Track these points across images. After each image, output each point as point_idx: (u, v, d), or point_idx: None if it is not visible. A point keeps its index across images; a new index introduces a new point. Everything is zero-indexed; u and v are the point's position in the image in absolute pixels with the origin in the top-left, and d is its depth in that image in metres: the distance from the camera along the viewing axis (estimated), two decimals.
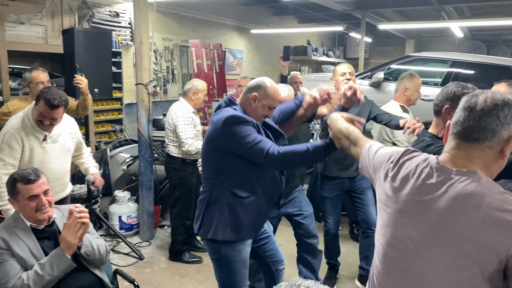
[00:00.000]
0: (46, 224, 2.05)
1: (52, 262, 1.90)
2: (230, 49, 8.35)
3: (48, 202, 2.02)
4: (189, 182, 3.72)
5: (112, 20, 5.95)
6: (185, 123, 3.59)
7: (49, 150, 2.58)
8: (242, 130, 1.99)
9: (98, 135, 5.88)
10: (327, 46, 12.07)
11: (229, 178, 2.09)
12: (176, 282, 3.42)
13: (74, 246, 1.95)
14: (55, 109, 2.45)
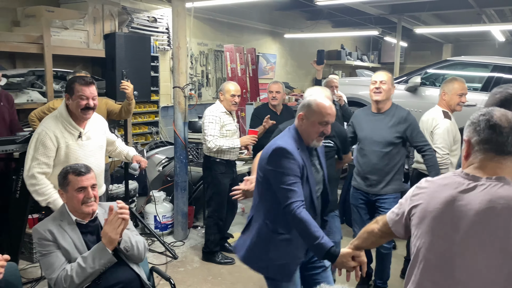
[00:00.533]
0: (90, 220, 2.15)
1: (94, 255, 1.98)
2: (263, 54, 8.40)
3: (94, 196, 2.12)
4: (220, 182, 3.76)
5: (150, 26, 6.12)
6: (209, 121, 3.70)
7: (85, 147, 2.65)
8: (285, 167, 1.97)
9: (135, 137, 6.05)
10: (361, 50, 11.95)
11: (267, 207, 2.07)
12: (209, 283, 3.47)
13: (115, 241, 2.02)
14: (91, 86, 2.57)
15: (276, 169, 1.98)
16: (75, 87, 2.54)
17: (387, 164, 3.04)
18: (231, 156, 3.78)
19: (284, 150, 2.00)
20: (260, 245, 2.07)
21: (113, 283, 2.04)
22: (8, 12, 4.53)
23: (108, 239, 2.00)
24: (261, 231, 2.07)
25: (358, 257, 1.80)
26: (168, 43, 6.41)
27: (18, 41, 4.13)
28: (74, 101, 2.54)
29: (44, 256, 2.01)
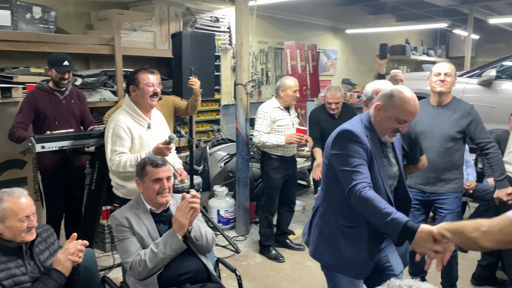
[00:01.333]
0: (163, 209, 2.25)
1: (165, 241, 2.07)
2: (324, 50, 8.29)
3: (168, 188, 2.21)
4: (270, 177, 3.76)
5: (213, 25, 6.27)
6: (258, 117, 3.74)
7: (156, 137, 2.73)
8: (348, 149, 1.83)
9: (198, 134, 6.22)
10: (427, 44, 11.41)
11: (335, 199, 1.95)
12: (271, 278, 3.47)
13: (185, 227, 2.09)
14: (154, 74, 2.71)
15: (340, 151, 1.85)
16: (140, 77, 2.67)
17: (448, 161, 2.84)
18: (284, 152, 3.76)
19: (350, 132, 1.85)
20: (328, 240, 1.96)
21: (183, 272, 2.12)
22: (83, 17, 4.84)
23: (178, 225, 2.08)
24: (329, 225, 1.97)
25: (442, 241, 1.51)
26: (229, 42, 6.53)
27: (92, 43, 4.39)
28: (141, 89, 2.66)
29: (121, 242, 2.13)
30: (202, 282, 2.16)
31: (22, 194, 1.87)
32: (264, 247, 3.88)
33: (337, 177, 1.89)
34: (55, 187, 3.27)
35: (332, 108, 3.85)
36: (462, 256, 3.92)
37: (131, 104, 2.70)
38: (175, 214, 2.11)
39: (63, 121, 3.26)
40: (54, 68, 3.17)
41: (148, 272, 2.05)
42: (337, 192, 1.91)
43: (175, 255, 2.08)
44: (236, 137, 4.28)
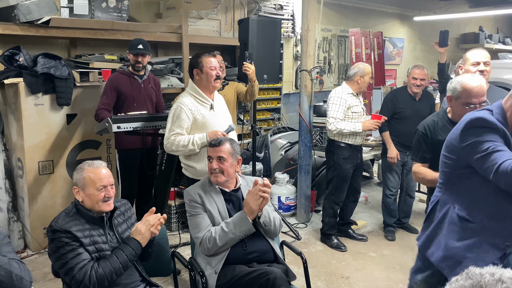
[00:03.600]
0: (233, 189, 2.30)
1: (236, 222, 2.12)
2: (390, 38, 7.98)
3: (219, 168, 2.25)
4: (341, 166, 3.68)
5: (276, 13, 6.25)
6: (333, 103, 3.63)
7: (219, 117, 2.84)
8: (483, 136, 1.67)
9: (259, 122, 6.26)
10: (503, 32, 10.61)
11: (459, 194, 1.81)
12: (333, 266, 3.44)
13: (255, 212, 2.12)
14: (216, 57, 2.82)
15: (474, 139, 1.67)
16: (204, 60, 2.77)
17: None
18: (355, 141, 3.68)
19: (483, 119, 1.68)
20: (443, 232, 1.83)
21: (251, 251, 2.17)
22: (152, 6, 5.01)
23: (249, 209, 2.12)
24: (446, 217, 1.83)
25: None
26: (292, 30, 6.48)
27: (161, 31, 4.54)
28: (205, 73, 2.76)
29: (192, 217, 2.21)
30: (268, 263, 2.18)
31: (101, 165, 1.98)
32: (326, 235, 3.84)
33: (464, 173, 1.76)
34: (131, 165, 3.47)
35: (417, 85, 3.79)
36: None
37: (194, 86, 2.80)
38: (246, 198, 2.15)
39: (141, 103, 3.44)
40: (130, 51, 3.36)
41: (217, 249, 2.11)
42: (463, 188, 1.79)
43: (244, 236, 2.12)
44: (299, 125, 4.25)
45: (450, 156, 1.82)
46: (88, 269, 1.79)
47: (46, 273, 3.16)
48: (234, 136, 2.90)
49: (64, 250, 1.80)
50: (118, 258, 1.85)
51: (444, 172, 1.88)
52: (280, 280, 1.94)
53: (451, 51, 9.48)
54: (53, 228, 1.84)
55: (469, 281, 0.72)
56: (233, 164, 2.31)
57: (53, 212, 3.44)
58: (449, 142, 1.82)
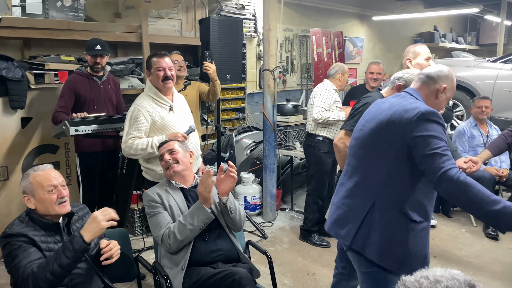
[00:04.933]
0: (191, 185, 2.35)
1: (193, 213, 2.14)
2: (350, 37, 8.15)
3: (173, 159, 2.31)
4: (323, 161, 3.76)
5: (238, 13, 6.24)
6: (321, 94, 3.76)
7: (179, 118, 2.79)
8: (437, 131, 1.66)
9: (223, 122, 6.23)
10: (456, 31, 11.09)
11: (404, 192, 1.72)
12: (299, 263, 3.47)
13: (209, 199, 2.15)
14: (165, 57, 2.74)
15: (426, 132, 1.65)
16: (152, 62, 2.74)
17: None
18: (334, 135, 3.80)
19: (434, 113, 1.69)
20: (396, 238, 1.73)
21: (214, 249, 2.17)
22: (111, 5, 4.88)
23: (202, 197, 2.14)
24: (395, 221, 1.73)
25: None
26: (254, 30, 6.49)
27: (120, 31, 4.44)
28: (154, 74, 2.73)
29: (152, 217, 2.21)
30: (232, 262, 2.18)
31: (46, 167, 1.91)
32: (308, 232, 3.87)
33: (407, 164, 1.70)
34: (93, 169, 3.38)
35: (374, 78, 4.01)
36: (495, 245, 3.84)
37: (152, 87, 2.76)
38: (198, 188, 2.17)
39: (101, 105, 3.36)
40: (87, 52, 3.26)
41: (178, 244, 2.10)
42: (406, 182, 1.72)
43: (203, 226, 2.13)
44: (263, 124, 4.27)
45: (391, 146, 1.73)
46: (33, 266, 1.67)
47: (2, 285, 3.02)
48: (196, 137, 2.88)
49: (17, 251, 1.70)
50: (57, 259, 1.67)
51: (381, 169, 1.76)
52: (246, 280, 1.94)
53: None
54: (7, 233, 1.75)
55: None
56: (186, 155, 2.37)
57: (8, 220, 3.24)
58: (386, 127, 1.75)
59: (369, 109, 1.96)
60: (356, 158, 1.89)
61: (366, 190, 1.80)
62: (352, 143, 1.95)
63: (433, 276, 0.75)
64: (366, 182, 1.81)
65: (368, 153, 1.83)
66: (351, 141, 1.97)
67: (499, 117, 4.78)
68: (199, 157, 3.05)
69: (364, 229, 1.77)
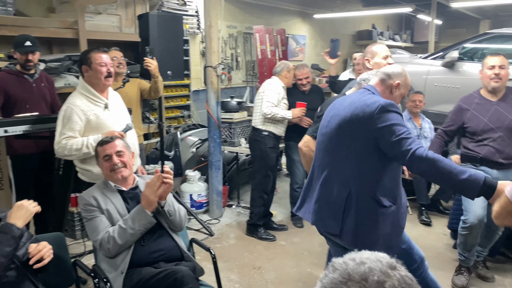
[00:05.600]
0: (131, 187, 2.26)
1: (134, 217, 2.08)
2: (293, 35, 8.30)
3: (122, 162, 2.21)
4: (268, 155, 3.82)
5: (180, 9, 6.16)
6: (270, 89, 3.82)
7: (114, 117, 2.70)
8: (397, 119, 1.81)
9: (168, 120, 6.14)
10: (393, 30, 11.62)
11: (373, 180, 1.87)
12: (246, 258, 3.50)
13: (154, 203, 2.09)
14: (106, 53, 2.68)
15: (388, 122, 1.79)
16: (92, 56, 2.61)
17: None
18: (279, 130, 3.88)
19: (392, 104, 1.84)
20: (368, 223, 1.87)
21: (155, 249, 2.12)
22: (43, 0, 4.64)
23: (147, 201, 2.09)
24: (367, 208, 1.86)
25: None
26: (197, 26, 6.44)
27: (54, 26, 4.24)
28: (94, 70, 2.60)
29: (89, 221, 2.13)
30: (175, 261, 2.16)
31: None
32: (255, 226, 3.90)
33: (374, 155, 1.83)
34: (27, 172, 3.20)
35: (304, 84, 4.02)
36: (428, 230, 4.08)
37: (85, 85, 2.65)
38: (143, 191, 2.13)
39: (35, 105, 3.18)
40: (17, 49, 3.09)
41: (118, 249, 2.04)
42: (374, 171, 1.86)
43: (145, 230, 2.09)
44: (207, 121, 4.26)
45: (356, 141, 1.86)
46: None
47: None
48: (133, 136, 2.82)
49: None
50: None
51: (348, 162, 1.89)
52: (188, 278, 1.93)
53: (349, 46, 10.16)
54: None
55: (337, 272, 0.76)
56: (130, 157, 2.31)
57: None
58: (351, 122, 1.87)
59: (332, 105, 2.08)
60: (326, 152, 2.01)
61: (339, 182, 1.92)
62: (320, 139, 2.06)
63: (360, 258, 0.79)
64: (338, 174, 1.93)
65: (337, 147, 1.95)
66: (319, 137, 2.09)
67: (430, 110, 5.07)
68: (138, 157, 2.99)
69: (345, 218, 1.90)
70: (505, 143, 2.89)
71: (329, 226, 1.94)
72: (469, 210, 2.88)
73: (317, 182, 2.03)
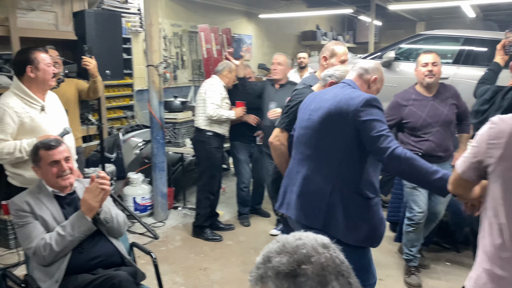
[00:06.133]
0: (68, 192, 2.14)
1: (73, 223, 1.98)
2: (239, 35, 8.32)
3: (69, 169, 2.09)
4: (214, 156, 3.81)
5: (121, 7, 5.98)
6: (212, 90, 3.80)
7: (51, 120, 2.60)
8: (380, 115, 1.86)
9: (110, 121, 5.94)
10: (336, 31, 11.97)
11: (356, 173, 1.90)
12: (191, 259, 3.47)
13: (94, 209, 2.01)
14: (47, 52, 2.61)
15: (371, 117, 1.83)
16: (38, 56, 2.52)
17: None
18: (223, 130, 3.86)
19: (376, 99, 1.88)
20: (357, 216, 1.91)
21: (93, 256, 2.04)
22: None
23: (87, 207, 2.00)
24: (354, 201, 1.91)
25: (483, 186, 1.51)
26: (140, 24, 6.28)
27: None
28: (41, 70, 2.51)
29: (21, 227, 2.00)
30: (115, 266, 2.09)
31: None
32: (201, 228, 3.86)
33: (357, 148, 1.87)
34: None
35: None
36: None
37: (21, 85, 2.51)
38: (83, 196, 2.03)
39: None
40: None
41: (54, 256, 1.95)
42: (357, 164, 1.89)
43: (84, 237, 2.00)
44: (150, 121, 4.17)
45: (335, 134, 1.90)
46: None
47: None
48: (71, 140, 2.70)
49: None
50: None
51: (331, 157, 1.92)
52: (126, 283, 1.88)
53: (294, 47, 10.35)
54: None
55: (277, 244, 0.84)
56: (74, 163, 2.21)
57: None
58: (333, 116, 1.89)
59: (310, 99, 2.09)
60: (308, 146, 2.02)
61: (323, 176, 1.94)
62: (302, 132, 2.06)
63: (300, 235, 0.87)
64: (321, 168, 1.95)
65: (321, 140, 1.96)
66: (300, 131, 2.09)
67: None
68: (75, 161, 2.89)
69: (330, 212, 1.91)
70: (442, 136, 3.04)
71: (314, 221, 1.96)
72: (415, 207, 3.03)
73: (298, 176, 2.03)
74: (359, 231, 1.92)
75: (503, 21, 11.68)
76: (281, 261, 0.80)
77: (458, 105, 3.10)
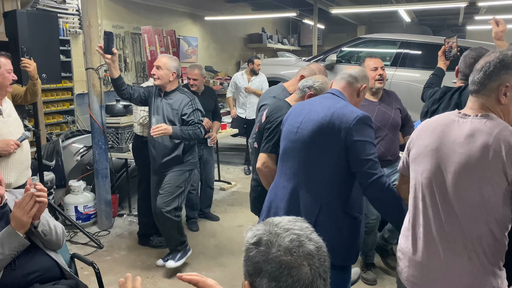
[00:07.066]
0: None
1: (3, 241, 1.82)
2: (184, 37, 8.22)
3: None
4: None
5: (58, 7, 5.72)
6: None
7: (9, 124, 2.60)
8: (371, 136, 1.80)
9: (49, 127, 5.66)
10: (281, 34, 12.16)
11: (344, 191, 1.85)
12: (138, 268, 3.36)
13: (26, 225, 1.86)
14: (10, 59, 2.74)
15: (363, 138, 1.77)
16: (1, 62, 2.62)
17: None
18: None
19: (369, 117, 1.82)
20: (345, 236, 1.87)
21: (29, 272, 1.90)
22: None
23: (18, 222, 1.84)
24: (341, 221, 1.85)
25: None
26: (79, 25, 6.03)
27: None
28: (2, 76, 2.60)
29: None
30: (54, 280, 1.98)
31: None
32: (145, 236, 3.74)
33: (348, 165, 1.80)
34: None
35: (191, 84, 3.95)
36: None
37: None
38: (13, 211, 1.87)
39: None
40: None
41: None
42: (345, 182, 1.84)
43: (17, 254, 1.85)
44: (91, 126, 4.00)
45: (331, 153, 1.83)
46: None
47: None
48: (27, 146, 2.64)
49: None
50: None
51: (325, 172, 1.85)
52: None
53: (240, 49, 10.40)
54: None
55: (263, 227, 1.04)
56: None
57: None
58: (322, 128, 1.83)
59: (297, 110, 2.00)
60: (296, 161, 1.92)
61: (311, 194, 1.86)
62: (289, 146, 1.96)
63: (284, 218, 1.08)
64: (309, 185, 1.87)
65: (310, 155, 1.87)
66: (287, 144, 1.98)
67: None
68: (29, 167, 2.81)
69: (316, 231, 1.82)
70: (391, 140, 3.03)
71: None
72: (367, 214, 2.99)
73: (285, 191, 1.95)
74: (347, 251, 1.89)
75: (436, 26, 12.45)
76: None
77: (401, 109, 3.14)
